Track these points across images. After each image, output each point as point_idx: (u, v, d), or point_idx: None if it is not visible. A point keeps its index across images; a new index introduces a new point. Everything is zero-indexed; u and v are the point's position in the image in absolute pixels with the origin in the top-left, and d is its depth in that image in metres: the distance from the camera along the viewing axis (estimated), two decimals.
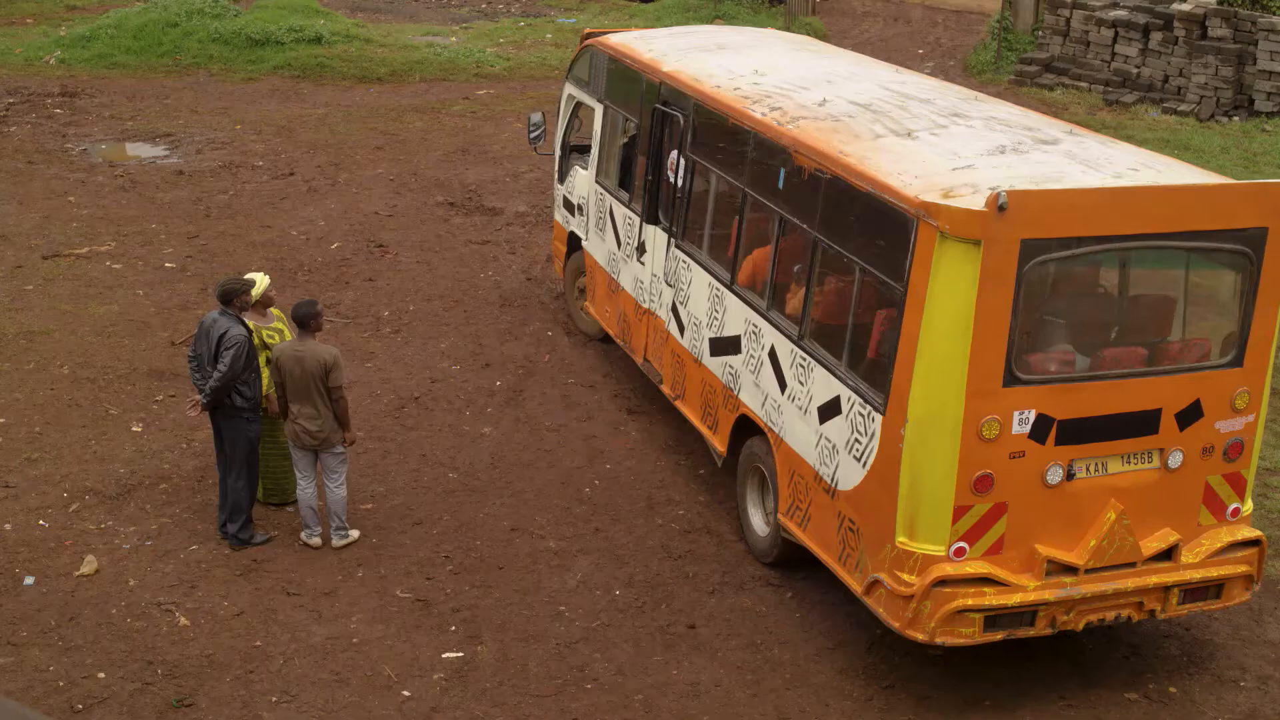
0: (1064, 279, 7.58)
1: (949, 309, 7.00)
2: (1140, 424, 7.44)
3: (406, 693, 7.71)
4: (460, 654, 8.05)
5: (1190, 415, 7.52)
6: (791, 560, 8.81)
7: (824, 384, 8.03)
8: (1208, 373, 7.57)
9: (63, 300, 13.12)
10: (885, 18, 29.27)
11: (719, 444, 9.51)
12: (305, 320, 8.74)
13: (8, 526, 9.24)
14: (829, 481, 7.97)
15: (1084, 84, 22.31)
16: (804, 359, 8.26)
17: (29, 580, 8.64)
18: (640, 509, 9.70)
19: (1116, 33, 22.09)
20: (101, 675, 7.77)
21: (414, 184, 17.08)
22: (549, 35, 26.26)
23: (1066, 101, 21.74)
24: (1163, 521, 7.63)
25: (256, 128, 19.69)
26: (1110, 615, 7.63)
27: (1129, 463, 7.51)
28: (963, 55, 25.65)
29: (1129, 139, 19.62)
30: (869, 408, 7.53)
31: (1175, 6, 21.32)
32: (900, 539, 7.33)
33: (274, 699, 7.61)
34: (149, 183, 16.91)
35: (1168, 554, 7.65)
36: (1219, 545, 7.76)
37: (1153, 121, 20.68)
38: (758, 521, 9.13)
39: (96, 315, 12.78)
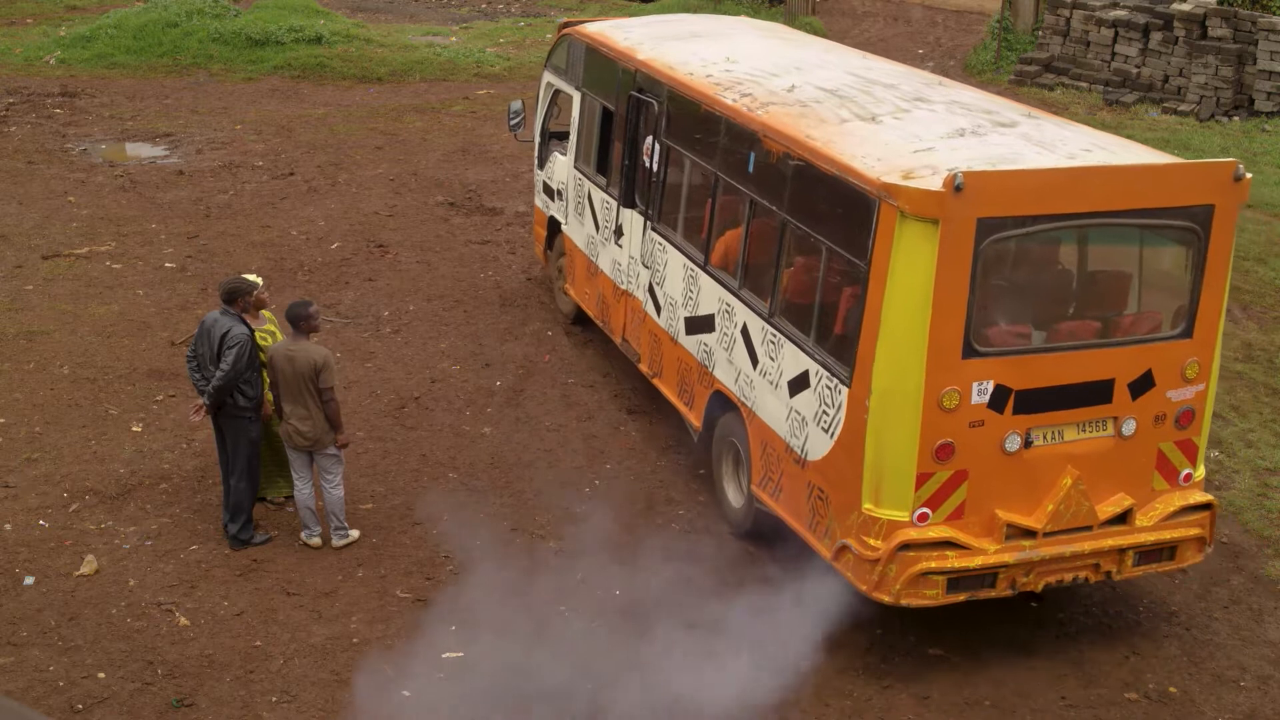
0: (1020, 256, 7.90)
1: (909, 285, 7.32)
2: (1094, 394, 7.76)
3: (406, 693, 7.71)
4: (460, 654, 8.05)
5: (1142, 385, 7.85)
6: (765, 531, 9.08)
7: (793, 359, 8.34)
8: (1159, 344, 7.89)
9: (63, 300, 13.12)
10: (885, 18, 29.27)
11: (695, 419, 9.82)
12: (298, 321, 8.73)
13: (8, 526, 9.24)
14: (799, 453, 8.27)
15: (1084, 84, 22.31)
16: (774, 336, 8.58)
17: (29, 580, 8.64)
18: (640, 509, 9.70)
19: (1116, 33, 22.09)
20: (101, 675, 7.77)
21: (414, 184, 17.08)
22: (549, 35, 26.23)
23: (1066, 101, 21.74)
24: (1118, 487, 7.95)
25: (256, 128, 19.69)
26: (1068, 577, 7.96)
27: (1084, 431, 7.84)
28: (963, 55, 25.65)
29: (1129, 139, 19.67)
30: (836, 381, 7.85)
31: (1175, 6, 21.32)
32: (866, 505, 7.65)
33: (274, 699, 7.61)
34: (149, 183, 16.91)
35: (1123, 518, 7.97)
36: (1172, 509, 8.09)
37: (1153, 121, 20.68)
38: (733, 494, 9.43)
39: (96, 315, 12.78)
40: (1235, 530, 9.67)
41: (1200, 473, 8.26)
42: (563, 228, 12.41)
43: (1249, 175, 7.78)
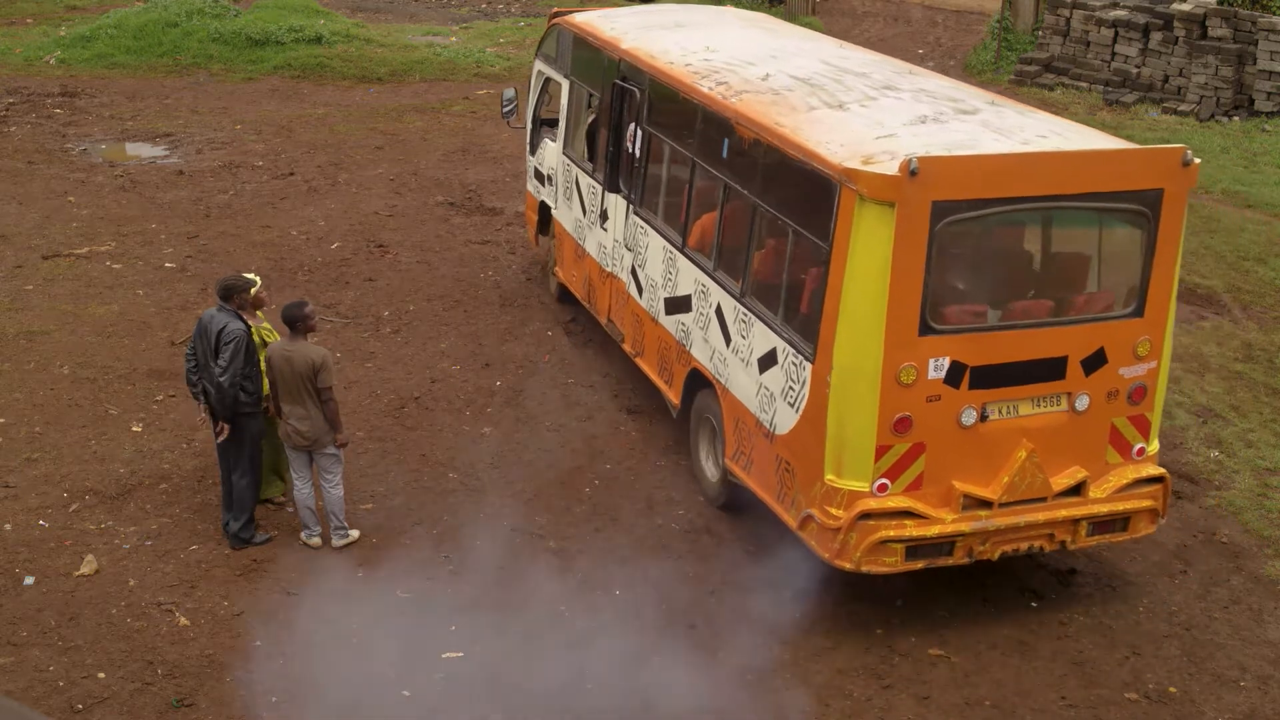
0: (974, 237, 8.13)
1: (868, 266, 7.63)
2: (1048, 370, 8.07)
3: (406, 693, 7.70)
4: (460, 654, 8.04)
5: (1095, 362, 8.14)
6: (739, 503, 9.39)
7: (763, 337, 8.65)
8: (1111, 323, 8.19)
9: (63, 300, 13.12)
10: (885, 18, 29.26)
11: (674, 396, 10.17)
12: (294, 321, 8.73)
13: (8, 526, 9.24)
14: (768, 427, 8.58)
15: (1084, 84, 22.31)
16: (745, 315, 8.90)
17: (29, 580, 8.64)
18: (640, 509, 9.70)
19: (1116, 33, 22.09)
20: (101, 675, 7.77)
21: (414, 184, 17.08)
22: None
23: (1066, 101, 21.73)
24: (1072, 460, 8.25)
25: (256, 128, 19.69)
26: (1024, 546, 8.26)
27: (1039, 405, 8.13)
28: (963, 55, 25.65)
29: (1129, 139, 19.67)
30: (801, 358, 8.16)
31: (1175, 6, 21.31)
32: (829, 476, 7.98)
33: (274, 699, 7.61)
34: (149, 183, 16.91)
35: (1076, 489, 8.27)
36: (1125, 481, 8.39)
37: (1153, 121, 20.67)
38: (709, 468, 9.74)
39: (96, 315, 12.78)
40: (1235, 530, 9.67)
41: (1154, 447, 8.54)
42: (552, 211, 12.80)
43: (1197, 161, 8.08)
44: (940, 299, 7.85)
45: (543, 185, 13.10)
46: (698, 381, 9.71)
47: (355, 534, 9.17)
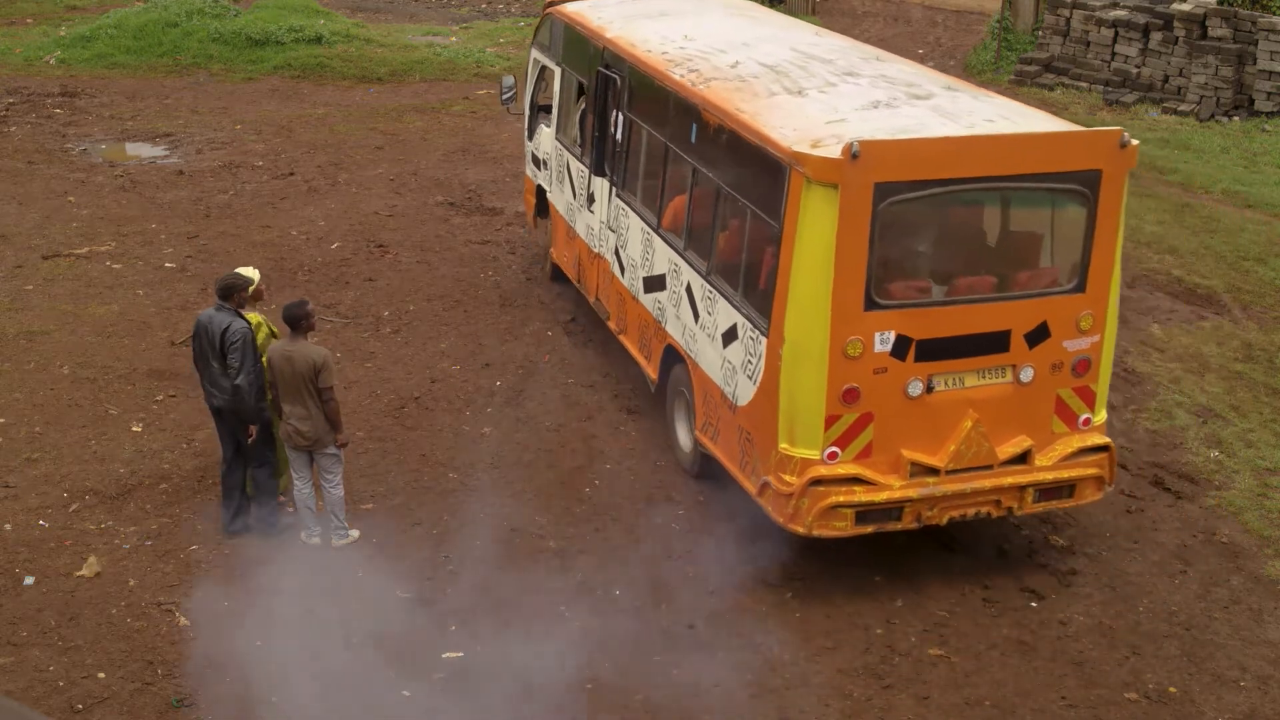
0: (917, 217, 8.41)
1: (814, 245, 8.00)
2: (992, 343, 8.41)
3: (406, 693, 7.70)
4: (460, 654, 8.05)
5: (1038, 335, 8.47)
6: (711, 473, 9.74)
7: (725, 314, 9.05)
8: (1053, 298, 8.50)
9: (63, 300, 13.12)
10: (885, 18, 29.25)
11: (651, 371, 10.60)
12: (296, 321, 8.73)
13: (8, 526, 9.24)
14: (731, 399, 8.97)
15: (1084, 84, 22.30)
16: (711, 292, 9.29)
17: (29, 580, 8.64)
18: (640, 509, 9.70)
19: (1116, 33, 22.09)
20: (101, 675, 7.77)
21: (414, 184, 17.08)
22: None
23: (1066, 101, 21.73)
24: (1018, 429, 8.57)
25: (256, 128, 19.69)
26: (971, 511, 8.60)
27: (984, 377, 8.48)
28: (963, 55, 25.64)
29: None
30: (757, 332, 8.53)
31: (1175, 6, 21.32)
32: (782, 445, 8.33)
33: (274, 699, 7.61)
34: (149, 183, 16.92)
35: (1022, 458, 8.59)
36: (1070, 450, 8.71)
37: (1153, 121, 20.67)
38: (684, 439, 10.13)
39: (96, 315, 12.79)
40: (1235, 530, 9.67)
41: (1100, 417, 8.85)
42: (548, 195, 13.26)
43: (1135, 142, 8.38)
44: (885, 276, 8.18)
45: (539, 169, 13.55)
46: (672, 357, 10.10)
47: (355, 534, 9.17)
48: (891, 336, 8.16)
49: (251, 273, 9.17)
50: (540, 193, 13.59)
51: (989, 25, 26.04)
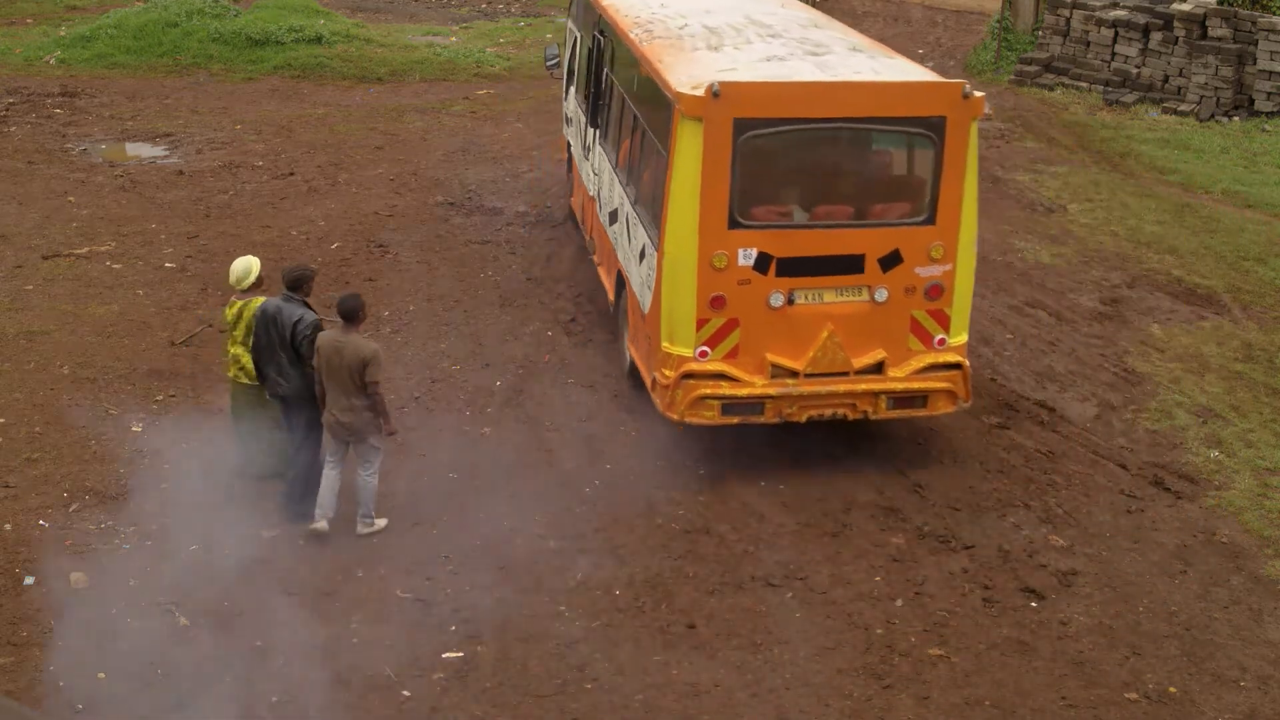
0: (777, 150, 9.48)
1: (686, 171, 9.25)
2: (847, 265, 9.58)
3: (406, 693, 7.71)
4: (460, 654, 8.05)
5: (891, 261, 9.60)
6: (640, 381, 10.63)
7: (639, 236, 10.35)
8: (905, 228, 9.64)
9: (63, 300, 13.12)
10: (885, 18, 29.24)
11: (611, 295, 11.89)
12: (353, 313, 8.88)
13: (8, 526, 9.24)
14: (643, 309, 10.16)
15: (1084, 84, 22.30)
16: (634, 218, 10.60)
17: (29, 580, 8.64)
18: (640, 509, 9.70)
19: (1116, 33, 22.08)
20: (101, 675, 7.77)
21: (414, 184, 17.08)
22: (549, 35, 26.24)
23: (1066, 101, 21.73)
24: (875, 344, 9.73)
25: (256, 128, 19.69)
26: (828, 412, 9.77)
27: (842, 295, 9.65)
28: (963, 55, 25.63)
29: (1129, 139, 19.67)
30: (654, 249, 9.75)
31: (1175, 6, 21.31)
32: (664, 344, 9.65)
33: (274, 699, 7.61)
34: (149, 183, 16.91)
35: (877, 368, 9.75)
36: (922, 365, 9.83)
37: (1153, 121, 20.67)
38: (627, 352, 11.17)
39: (96, 315, 12.78)
40: (1235, 530, 9.67)
41: (958, 339, 9.90)
42: (570, 148, 14.98)
43: (980, 94, 9.46)
44: (748, 200, 9.37)
45: (567, 126, 15.46)
46: (621, 281, 11.21)
47: (383, 523, 9.26)
48: (754, 253, 9.37)
49: (253, 261, 9.29)
50: (569, 148, 15.29)
51: (989, 25, 26.02)
